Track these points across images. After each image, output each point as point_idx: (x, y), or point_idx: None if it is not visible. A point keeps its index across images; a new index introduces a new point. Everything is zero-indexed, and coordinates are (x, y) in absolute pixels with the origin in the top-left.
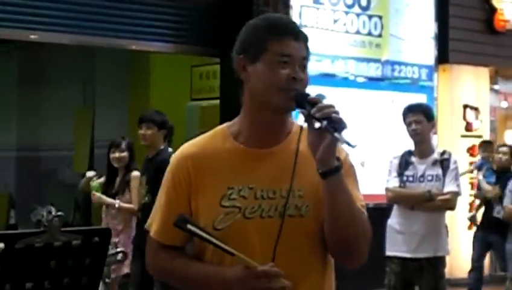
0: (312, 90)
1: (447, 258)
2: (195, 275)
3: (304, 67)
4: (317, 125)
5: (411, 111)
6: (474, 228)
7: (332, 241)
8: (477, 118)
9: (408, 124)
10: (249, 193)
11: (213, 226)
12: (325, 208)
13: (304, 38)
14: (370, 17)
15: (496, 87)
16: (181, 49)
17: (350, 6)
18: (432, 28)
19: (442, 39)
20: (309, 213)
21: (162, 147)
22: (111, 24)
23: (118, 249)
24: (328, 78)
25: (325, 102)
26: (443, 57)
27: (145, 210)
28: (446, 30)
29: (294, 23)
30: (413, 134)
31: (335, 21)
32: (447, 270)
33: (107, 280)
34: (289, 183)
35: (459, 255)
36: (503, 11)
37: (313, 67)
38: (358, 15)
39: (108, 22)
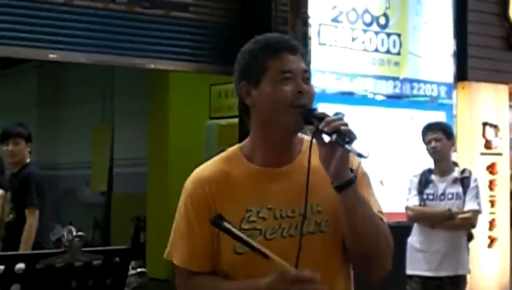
0: (331, 109)
1: (468, 277)
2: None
3: (307, 80)
4: (327, 139)
5: (430, 129)
6: (497, 246)
7: (355, 253)
8: (496, 135)
9: (428, 142)
10: (268, 213)
11: (235, 251)
12: (343, 220)
13: (300, 52)
14: (388, 35)
15: None
16: (200, 68)
17: (369, 25)
18: (450, 45)
19: (461, 56)
20: (329, 228)
21: (27, 160)
22: (129, 43)
23: (139, 270)
24: (346, 96)
25: (343, 119)
26: (462, 75)
27: (8, 229)
28: (465, 47)
29: (288, 38)
30: (433, 152)
31: (353, 39)
32: (467, 289)
33: None
34: (310, 200)
35: (480, 273)
36: None
37: (332, 85)
38: (376, 33)
39: (126, 41)
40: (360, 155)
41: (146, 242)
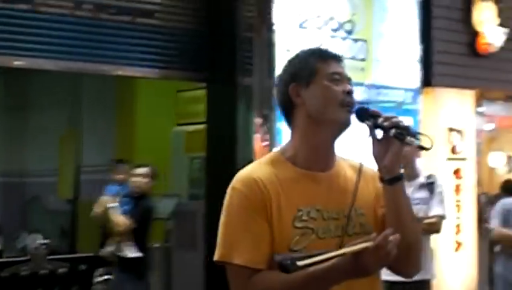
0: None
1: (434, 282)
2: (304, 278)
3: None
4: (390, 133)
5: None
6: (463, 251)
7: (399, 249)
8: (462, 140)
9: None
10: (316, 214)
11: (289, 248)
12: (389, 214)
13: (343, 62)
14: (355, 41)
15: (481, 109)
16: (166, 75)
17: (335, 31)
18: (416, 51)
19: (426, 62)
20: (372, 229)
21: None
22: (95, 50)
23: (105, 277)
24: None
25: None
26: (427, 80)
27: None
28: (430, 54)
29: (331, 49)
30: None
31: (319, 45)
32: None
33: None
34: (349, 204)
35: (446, 278)
36: (485, 34)
37: None
38: (343, 39)
39: (92, 47)
40: (421, 147)
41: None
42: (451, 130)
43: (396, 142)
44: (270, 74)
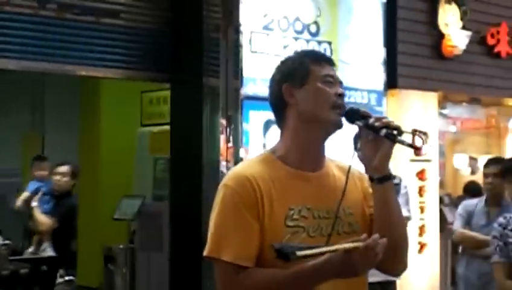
0: (263, 116)
1: (398, 283)
2: (293, 276)
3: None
4: (381, 133)
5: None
6: (427, 252)
7: (387, 247)
8: (426, 142)
9: (359, 149)
10: (307, 213)
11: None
12: (378, 213)
13: (335, 66)
14: (320, 42)
15: (445, 111)
16: (131, 75)
17: (300, 32)
18: (380, 53)
19: (391, 65)
20: (359, 228)
21: None
22: (60, 50)
23: (67, 278)
24: None
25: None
26: (392, 82)
27: None
28: (394, 55)
29: (324, 53)
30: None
31: (285, 47)
32: None
33: None
34: (338, 203)
35: (410, 279)
36: (450, 36)
37: (264, 92)
38: (307, 41)
39: (57, 47)
40: (412, 146)
41: (77, 250)
42: (415, 131)
43: (387, 142)
44: (237, 75)
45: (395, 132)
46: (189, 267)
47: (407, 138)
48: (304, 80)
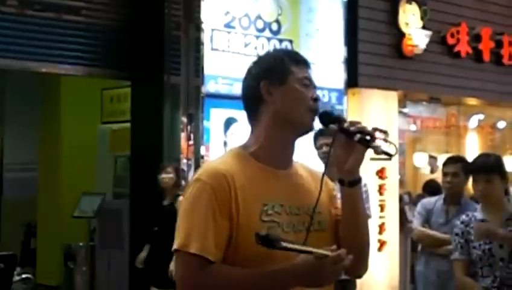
0: (224, 114)
1: (358, 281)
2: (261, 276)
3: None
4: (354, 138)
5: (322, 134)
6: (386, 250)
7: (351, 248)
8: (386, 141)
9: (319, 147)
10: (281, 209)
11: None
12: (346, 216)
13: (311, 68)
14: (281, 41)
15: (405, 110)
16: (91, 72)
17: (261, 31)
18: (341, 52)
19: (352, 63)
20: (327, 227)
21: None
22: (20, 46)
23: (24, 276)
24: (239, 102)
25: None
26: (352, 81)
27: None
28: (355, 54)
29: (302, 55)
30: (323, 157)
31: (246, 45)
32: None
33: None
34: (307, 201)
35: (370, 277)
36: (411, 36)
37: (225, 90)
38: (269, 39)
39: (17, 44)
40: (385, 153)
41: (37, 248)
42: (375, 130)
43: (360, 147)
44: (197, 73)
45: (368, 138)
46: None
47: (380, 144)
48: (283, 79)
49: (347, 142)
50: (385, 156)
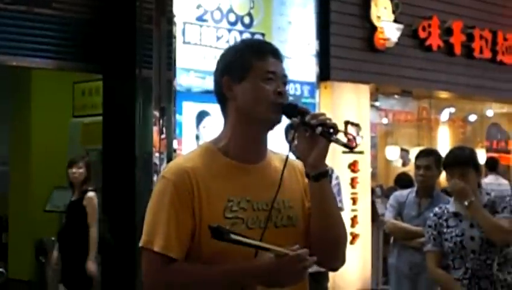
0: (196, 107)
1: (330, 273)
2: (220, 274)
3: (285, 84)
4: (316, 131)
5: (293, 127)
6: (359, 243)
7: (324, 242)
8: (358, 134)
9: (291, 140)
10: (247, 205)
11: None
12: (315, 210)
13: (281, 58)
14: (253, 34)
15: (377, 104)
16: (62, 66)
17: (233, 24)
18: (313, 45)
19: (324, 57)
20: (298, 222)
21: None
22: None
23: None
24: (212, 95)
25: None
26: (325, 74)
27: None
28: (327, 48)
29: (271, 43)
30: (295, 150)
31: (218, 38)
32: (330, 284)
33: None
34: (279, 196)
35: (342, 269)
36: (383, 29)
37: (197, 84)
38: (241, 32)
39: None
40: (346, 146)
41: (8, 242)
42: (347, 123)
43: (323, 140)
44: (170, 66)
45: (331, 130)
46: (122, 259)
47: (342, 136)
48: (243, 75)
49: (311, 136)
50: (355, 149)
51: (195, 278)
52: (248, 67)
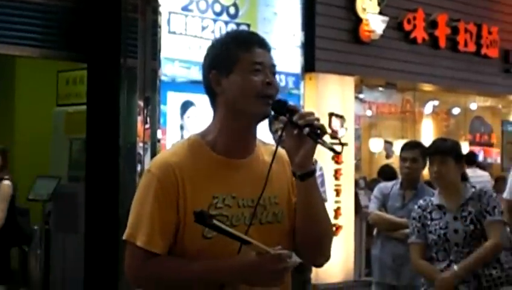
0: (181, 97)
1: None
2: (201, 271)
3: (273, 74)
4: (304, 131)
5: (277, 119)
6: (342, 234)
7: (308, 239)
8: (342, 126)
9: (274, 131)
10: (232, 201)
11: (202, 235)
12: (301, 207)
13: (268, 48)
14: (238, 25)
15: (361, 96)
16: (47, 54)
17: (218, 14)
18: (298, 37)
19: (309, 48)
20: (284, 219)
21: None
22: None
23: None
24: (196, 85)
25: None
26: (309, 66)
27: None
28: (312, 39)
29: (257, 34)
30: (280, 141)
31: (203, 28)
32: (312, 275)
33: None
34: (265, 192)
35: None
36: (368, 21)
37: (182, 74)
38: (226, 23)
39: None
40: (332, 149)
41: None
42: (331, 115)
43: (310, 140)
44: (155, 56)
45: (318, 131)
46: (105, 248)
47: (327, 139)
48: (230, 68)
49: (298, 135)
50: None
51: (176, 273)
52: (234, 60)
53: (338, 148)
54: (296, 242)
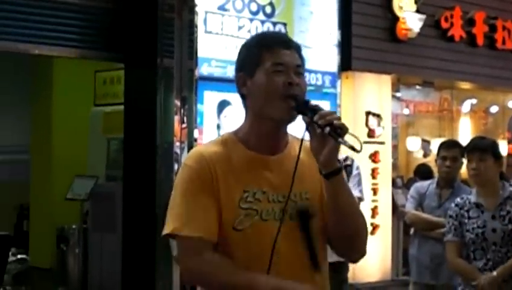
0: (217, 97)
1: (350, 264)
2: (247, 280)
3: (299, 74)
4: (325, 131)
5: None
6: (379, 233)
7: (340, 235)
8: (379, 124)
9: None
10: (262, 196)
11: (233, 227)
12: (329, 205)
13: (295, 47)
14: (274, 24)
15: (398, 94)
16: (84, 54)
17: (255, 13)
18: (335, 35)
19: (346, 47)
20: (316, 213)
21: None
22: (12, 28)
23: (19, 256)
24: (233, 85)
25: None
26: (346, 65)
27: None
28: (349, 38)
29: (283, 34)
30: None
31: (240, 28)
32: (350, 275)
33: (8, 288)
34: (297, 187)
35: (362, 260)
36: (405, 19)
37: (218, 73)
38: (262, 22)
39: (9, 25)
40: (352, 148)
41: (29, 230)
42: (368, 113)
43: (332, 139)
44: (191, 56)
45: (338, 131)
46: (142, 247)
47: (350, 137)
48: (253, 69)
49: (321, 134)
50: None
51: (223, 277)
52: (257, 62)
53: (358, 146)
54: (330, 238)
